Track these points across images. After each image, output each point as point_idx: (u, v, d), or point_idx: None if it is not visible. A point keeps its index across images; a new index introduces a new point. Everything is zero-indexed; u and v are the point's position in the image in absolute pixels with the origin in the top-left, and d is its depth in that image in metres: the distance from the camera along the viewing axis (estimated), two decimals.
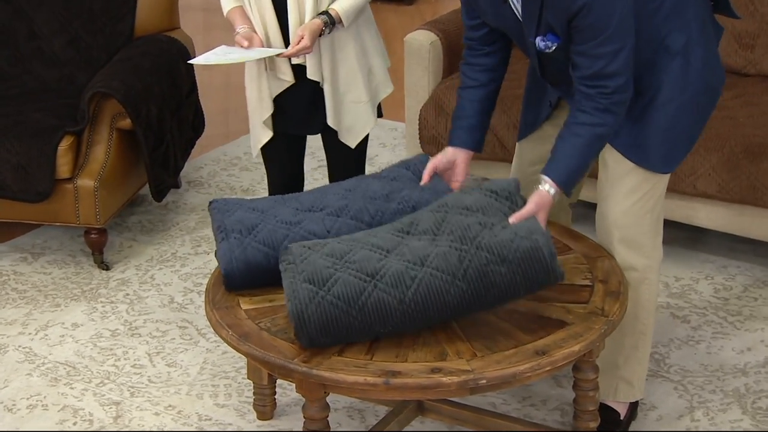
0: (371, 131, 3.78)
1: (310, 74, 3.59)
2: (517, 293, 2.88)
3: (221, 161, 5.29)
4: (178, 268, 4.40)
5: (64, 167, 4.24)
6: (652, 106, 3.11)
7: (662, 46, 3.08)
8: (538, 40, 3.03)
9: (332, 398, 3.09)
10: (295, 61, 3.59)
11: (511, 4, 3.03)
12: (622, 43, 2.93)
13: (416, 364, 2.80)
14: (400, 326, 2.85)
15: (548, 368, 2.84)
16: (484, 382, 2.78)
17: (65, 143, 4.24)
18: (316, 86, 3.64)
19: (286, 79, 3.62)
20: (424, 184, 3.23)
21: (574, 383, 3.12)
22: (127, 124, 4.34)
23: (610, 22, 2.90)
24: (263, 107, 3.67)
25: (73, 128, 4.28)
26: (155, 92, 4.42)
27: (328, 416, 2.92)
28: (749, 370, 3.72)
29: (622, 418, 3.42)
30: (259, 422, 3.53)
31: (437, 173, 3.27)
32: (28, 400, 3.67)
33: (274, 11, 3.56)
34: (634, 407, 3.46)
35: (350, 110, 3.68)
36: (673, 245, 4.33)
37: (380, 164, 5.15)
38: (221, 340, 3.05)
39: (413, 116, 4.66)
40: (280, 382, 3.56)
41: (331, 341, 2.85)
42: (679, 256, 4.36)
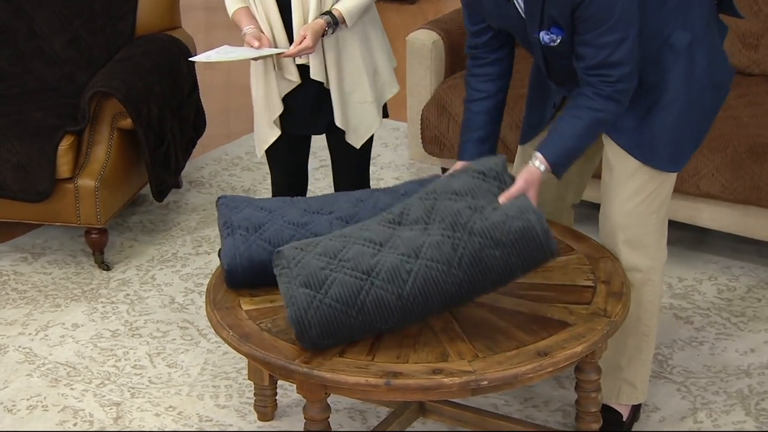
0: None
1: (313, 74, 3.59)
2: (514, 274, 2.86)
3: (222, 161, 5.28)
4: (179, 268, 4.39)
5: (64, 167, 4.23)
6: (658, 104, 3.10)
7: (667, 44, 3.07)
8: (542, 34, 3.02)
9: (333, 399, 3.09)
10: (298, 61, 3.58)
11: (514, 1, 3.02)
12: (625, 32, 2.93)
13: (417, 365, 2.79)
14: (401, 321, 2.84)
15: (550, 369, 2.83)
16: (485, 383, 2.77)
17: (66, 143, 4.23)
18: (320, 86, 3.63)
19: (292, 79, 3.61)
20: None
21: (576, 384, 3.11)
22: (127, 123, 4.33)
23: (613, 11, 2.89)
24: (271, 107, 3.66)
25: (73, 128, 4.27)
26: (156, 92, 4.41)
27: (329, 417, 2.92)
28: (753, 371, 3.71)
29: (624, 419, 3.41)
30: (259, 423, 3.52)
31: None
32: (28, 400, 3.66)
33: (278, 11, 3.55)
34: (636, 409, 3.45)
35: (356, 110, 3.67)
36: (676, 246, 4.32)
37: (382, 164, 5.14)
38: (222, 340, 3.04)
39: (415, 116, 4.65)
40: (281, 382, 3.55)
41: (333, 342, 2.84)
42: (682, 256, 4.34)
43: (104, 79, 4.30)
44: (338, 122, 3.65)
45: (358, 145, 3.73)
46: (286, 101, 3.66)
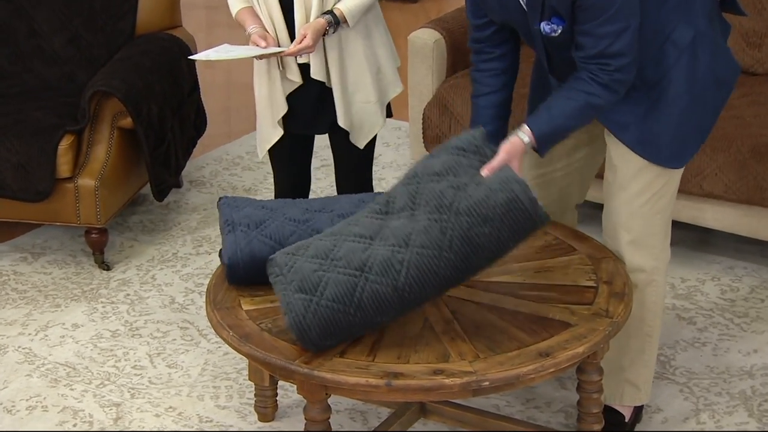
0: None
1: (313, 74, 3.58)
2: (506, 248, 2.83)
3: (223, 160, 5.27)
4: (179, 268, 4.38)
5: (64, 166, 4.22)
6: (661, 101, 3.08)
7: (669, 40, 3.05)
8: (543, 24, 3.00)
9: (334, 400, 3.08)
10: (299, 60, 3.57)
11: None
12: (626, 22, 2.91)
13: (418, 365, 2.78)
14: (400, 311, 2.83)
15: (552, 370, 2.82)
16: (486, 383, 2.76)
17: (66, 142, 4.22)
18: (323, 86, 3.62)
19: (293, 79, 3.60)
20: None
21: (578, 385, 3.10)
22: (128, 123, 4.32)
23: (614, 0, 2.88)
24: (275, 106, 3.64)
25: (73, 127, 4.26)
26: (156, 91, 4.40)
27: (329, 418, 2.91)
28: (756, 372, 3.69)
29: (627, 420, 3.40)
30: (260, 424, 3.52)
31: None
32: (27, 401, 3.65)
33: (281, 10, 3.54)
34: (639, 410, 3.44)
35: (359, 110, 3.66)
36: (679, 246, 4.31)
37: (384, 163, 5.13)
38: (222, 341, 3.03)
39: (417, 115, 4.64)
40: (281, 383, 3.54)
41: (335, 342, 2.83)
42: (685, 257, 4.33)
43: (104, 78, 4.29)
44: (341, 122, 3.63)
45: (361, 145, 3.72)
46: (288, 101, 3.65)
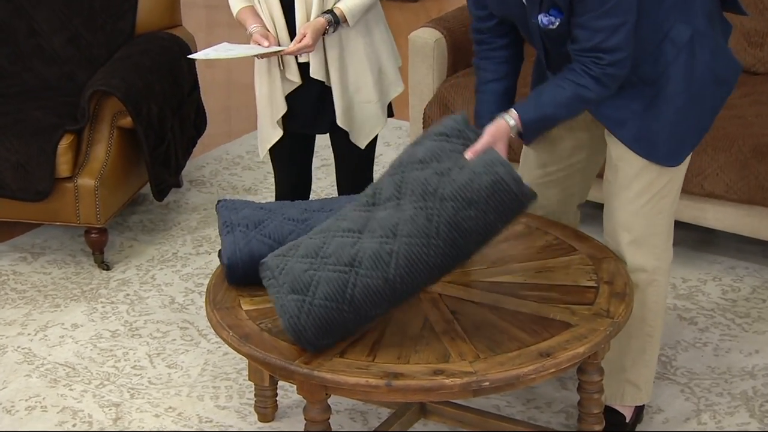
0: None
1: (313, 73, 3.57)
2: (494, 230, 2.81)
3: (223, 160, 5.26)
4: (179, 268, 4.37)
5: (64, 166, 4.22)
6: (659, 99, 3.08)
7: (667, 38, 3.05)
8: (541, 16, 2.99)
9: (334, 400, 3.07)
10: (300, 59, 3.57)
11: None
12: (623, 18, 2.91)
13: (418, 365, 2.77)
14: (393, 302, 2.82)
15: (552, 370, 2.81)
16: (487, 384, 2.75)
17: (65, 142, 4.22)
18: (323, 85, 3.62)
19: (293, 79, 3.60)
20: None
21: (578, 386, 3.09)
22: (127, 122, 4.31)
23: None
24: (275, 106, 3.64)
25: (73, 127, 4.25)
26: (156, 90, 4.40)
27: (329, 418, 2.90)
28: (757, 372, 3.69)
29: (627, 421, 3.39)
30: (260, 424, 3.51)
31: None
32: (27, 401, 3.65)
33: (281, 9, 3.53)
34: (639, 410, 3.43)
35: (360, 110, 3.65)
36: (680, 246, 4.30)
37: (384, 163, 5.12)
38: (222, 341, 3.02)
39: (417, 115, 4.63)
40: (281, 383, 3.54)
41: (333, 341, 2.83)
42: (686, 257, 4.32)
43: (104, 77, 4.29)
44: (340, 122, 3.63)
45: (362, 145, 3.71)
46: (289, 101, 3.64)
